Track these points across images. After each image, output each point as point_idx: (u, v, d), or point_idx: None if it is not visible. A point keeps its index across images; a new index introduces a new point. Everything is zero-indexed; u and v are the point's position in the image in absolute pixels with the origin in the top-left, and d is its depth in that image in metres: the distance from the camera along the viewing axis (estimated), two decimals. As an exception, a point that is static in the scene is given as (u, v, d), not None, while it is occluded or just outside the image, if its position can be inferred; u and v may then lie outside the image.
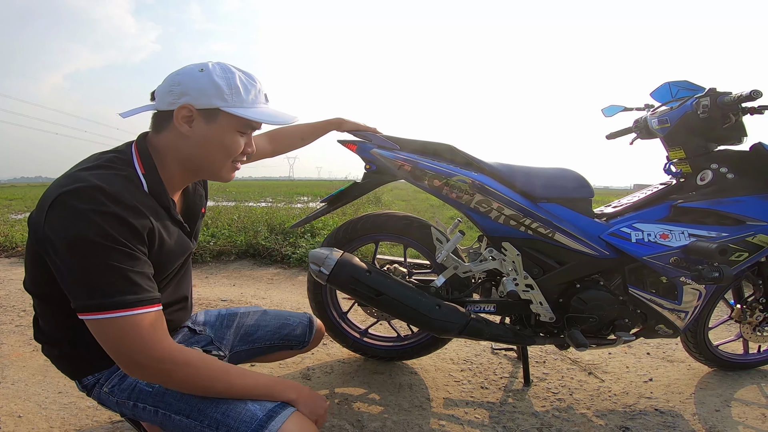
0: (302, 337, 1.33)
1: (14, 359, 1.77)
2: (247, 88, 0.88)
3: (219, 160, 0.91)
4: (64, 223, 0.73)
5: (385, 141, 1.41)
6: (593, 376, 1.70)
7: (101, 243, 0.73)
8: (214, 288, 2.92)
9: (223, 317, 1.27)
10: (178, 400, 0.86)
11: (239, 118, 0.87)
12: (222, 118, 0.87)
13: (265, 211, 5.35)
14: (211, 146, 0.88)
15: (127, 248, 0.76)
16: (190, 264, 1.13)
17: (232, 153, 0.91)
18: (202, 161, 0.91)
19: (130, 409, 0.91)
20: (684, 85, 1.53)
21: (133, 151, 0.88)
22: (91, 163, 0.83)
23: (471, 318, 1.33)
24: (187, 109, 0.84)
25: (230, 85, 0.85)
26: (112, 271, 0.74)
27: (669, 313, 1.41)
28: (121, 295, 0.74)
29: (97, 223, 0.73)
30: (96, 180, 0.76)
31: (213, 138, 0.88)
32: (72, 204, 0.74)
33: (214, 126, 0.87)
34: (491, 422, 1.38)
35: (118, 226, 0.75)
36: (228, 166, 0.94)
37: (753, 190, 1.37)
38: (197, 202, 1.06)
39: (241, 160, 0.96)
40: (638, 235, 1.35)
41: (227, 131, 0.88)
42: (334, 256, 1.29)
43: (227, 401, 0.83)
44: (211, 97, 0.84)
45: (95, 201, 0.74)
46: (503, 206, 1.34)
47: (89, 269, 0.74)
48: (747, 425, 1.38)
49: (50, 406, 1.43)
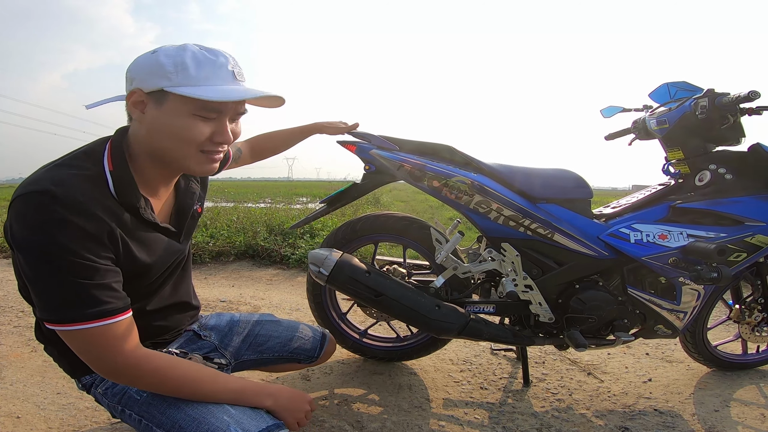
0: (312, 352, 1.30)
1: (13, 360, 1.77)
2: (200, 64, 0.77)
3: (177, 148, 0.80)
4: (20, 231, 0.71)
5: (384, 142, 1.41)
6: (592, 376, 1.70)
7: (56, 254, 0.69)
8: (213, 289, 2.91)
9: (236, 323, 1.24)
10: (162, 413, 0.84)
11: (190, 99, 0.76)
12: (170, 101, 0.77)
13: (264, 212, 5.34)
14: (163, 132, 0.79)
15: (83, 258, 0.71)
16: (189, 265, 1.10)
17: (190, 140, 0.79)
18: (163, 151, 0.82)
19: (119, 413, 0.91)
20: (682, 86, 1.53)
21: (106, 147, 0.82)
22: (57, 161, 0.79)
23: (470, 318, 1.33)
24: (137, 93, 0.77)
25: (176, 63, 0.75)
26: (69, 284, 0.71)
27: (668, 313, 1.42)
28: (81, 308, 0.72)
29: (50, 233, 0.69)
30: (49, 184, 0.71)
31: (163, 123, 0.78)
32: (23, 211, 0.71)
33: (163, 109, 0.77)
34: (491, 423, 1.38)
35: (72, 234, 0.70)
36: (194, 156, 0.82)
37: (751, 190, 1.38)
38: (188, 200, 0.99)
39: (212, 149, 0.83)
40: (637, 235, 1.35)
41: (177, 115, 0.78)
42: (333, 257, 1.29)
43: (209, 422, 0.80)
44: (156, 77, 0.76)
45: (45, 209, 0.69)
46: (502, 207, 1.34)
47: (46, 282, 0.71)
48: (746, 425, 1.38)
49: (49, 407, 1.42)
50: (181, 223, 0.98)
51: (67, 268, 0.70)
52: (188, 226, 1.00)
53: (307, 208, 7.38)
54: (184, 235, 0.99)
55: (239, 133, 0.89)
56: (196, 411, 0.82)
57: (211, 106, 0.79)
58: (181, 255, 1.01)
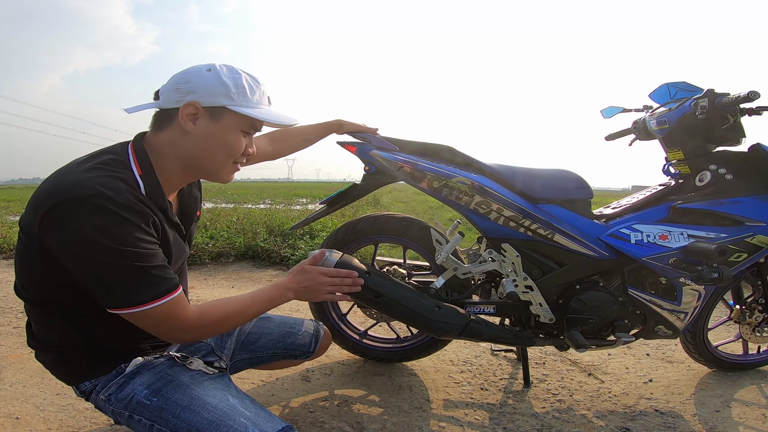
0: (307, 347, 1.29)
1: (12, 361, 1.76)
2: (252, 89, 0.89)
3: (220, 159, 0.91)
4: (78, 232, 0.75)
5: (384, 142, 1.41)
6: (593, 377, 1.70)
7: (118, 249, 0.76)
8: (213, 290, 2.91)
9: None
10: (176, 417, 0.85)
11: (244, 117, 0.89)
12: (227, 117, 0.88)
13: (263, 213, 5.34)
14: (214, 144, 0.89)
15: (142, 248, 0.78)
16: (185, 267, 1.13)
17: (234, 152, 0.92)
18: (203, 160, 0.91)
19: (126, 419, 0.90)
20: (682, 86, 1.53)
21: (129, 152, 0.87)
22: (86, 165, 0.81)
23: (470, 319, 1.33)
24: (194, 106, 0.85)
25: (237, 85, 0.87)
26: (135, 271, 0.78)
27: (668, 313, 1.41)
28: (149, 290, 0.79)
29: (110, 231, 0.75)
30: (99, 186, 0.76)
31: (217, 136, 0.88)
32: (80, 213, 0.74)
33: (219, 124, 0.88)
34: (491, 423, 1.38)
35: (130, 229, 0.77)
36: (228, 166, 0.94)
37: (751, 190, 1.38)
38: (192, 204, 1.05)
39: (241, 161, 0.96)
40: (637, 236, 1.35)
41: (231, 130, 0.89)
42: (333, 258, 1.28)
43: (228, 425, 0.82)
44: (218, 95, 0.86)
45: (102, 209, 0.75)
46: (503, 207, 1.34)
47: (113, 274, 0.77)
48: (747, 426, 1.38)
49: (48, 408, 1.42)
50: (186, 225, 1.01)
51: (132, 258, 0.77)
52: (191, 228, 1.05)
53: (307, 209, 7.38)
54: (188, 237, 1.03)
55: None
56: (212, 414, 0.84)
57: (256, 125, 0.93)
58: (186, 256, 1.04)
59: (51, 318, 0.88)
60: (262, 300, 0.98)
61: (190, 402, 0.86)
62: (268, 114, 0.92)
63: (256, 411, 0.87)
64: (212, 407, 0.85)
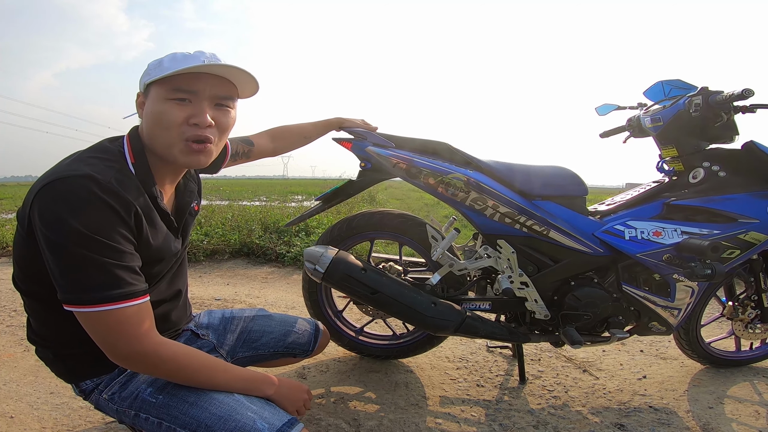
0: (307, 345, 1.30)
1: (5, 360, 1.75)
2: (174, 59, 0.84)
3: (161, 135, 0.85)
4: (53, 212, 0.73)
5: (380, 139, 1.40)
6: (588, 373, 1.71)
7: (88, 235, 0.73)
8: (208, 287, 2.90)
9: (227, 321, 1.24)
10: (184, 414, 0.84)
11: (160, 84, 0.84)
12: (151, 92, 0.86)
13: (259, 210, 5.32)
14: (150, 121, 0.86)
15: (114, 241, 0.76)
16: (185, 260, 1.12)
17: (168, 123, 0.84)
18: (152, 141, 0.88)
19: (131, 418, 0.89)
20: (677, 83, 1.54)
21: (124, 142, 0.89)
22: (84, 154, 0.83)
23: (466, 316, 1.34)
24: (139, 96, 0.89)
25: (159, 61, 0.86)
26: (97, 264, 0.74)
27: (662, 310, 1.43)
28: (106, 289, 0.74)
29: (86, 214, 0.73)
30: (87, 169, 0.76)
31: (148, 112, 0.87)
32: (61, 192, 0.74)
33: (148, 101, 0.87)
34: (487, 420, 1.39)
35: (107, 217, 0.75)
36: (177, 144, 0.86)
37: (744, 187, 1.39)
38: (187, 198, 1.04)
39: (192, 136, 0.85)
40: (631, 232, 1.36)
41: (155, 101, 0.85)
42: (329, 255, 1.28)
43: (236, 419, 0.82)
44: (143, 77, 0.87)
45: (85, 190, 0.74)
46: (498, 204, 1.34)
47: (75, 261, 0.74)
48: (740, 422, 1.39)
49: (42, 407, 1.41)
50: (180, 219, 1.01)
51: (101, 249, 0.74)
52: (186, 222, 1.03)
53: (302, 206, 7.36)
54: (182, 231, 1.02)
55: (227, 124, 0.91)
56: (220, 408, 0.84)
57: (180, 87, 0.83)
58: (178, 250, 1.03)
59: (49, 311, 0.88)
60: (242, 376, 0.90)
61: (196, 398, 0.85)
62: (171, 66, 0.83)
63: (262, 405, 0.87)
64: (219, 402, 0.85)
